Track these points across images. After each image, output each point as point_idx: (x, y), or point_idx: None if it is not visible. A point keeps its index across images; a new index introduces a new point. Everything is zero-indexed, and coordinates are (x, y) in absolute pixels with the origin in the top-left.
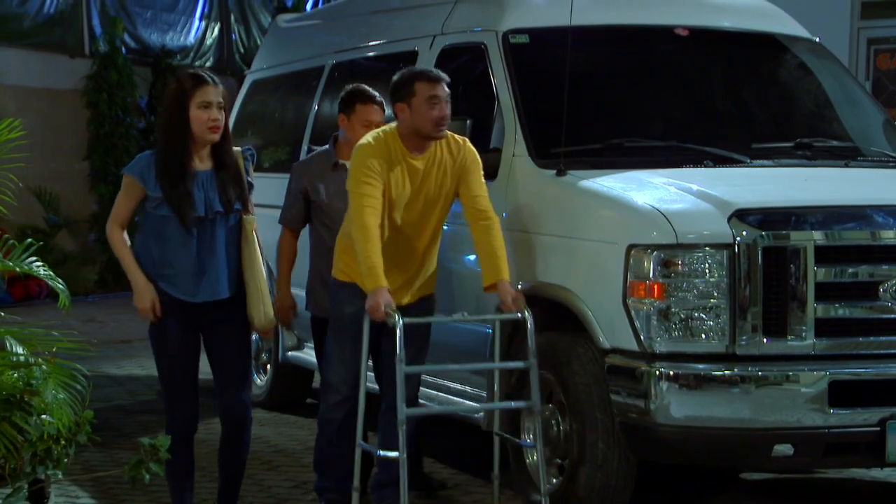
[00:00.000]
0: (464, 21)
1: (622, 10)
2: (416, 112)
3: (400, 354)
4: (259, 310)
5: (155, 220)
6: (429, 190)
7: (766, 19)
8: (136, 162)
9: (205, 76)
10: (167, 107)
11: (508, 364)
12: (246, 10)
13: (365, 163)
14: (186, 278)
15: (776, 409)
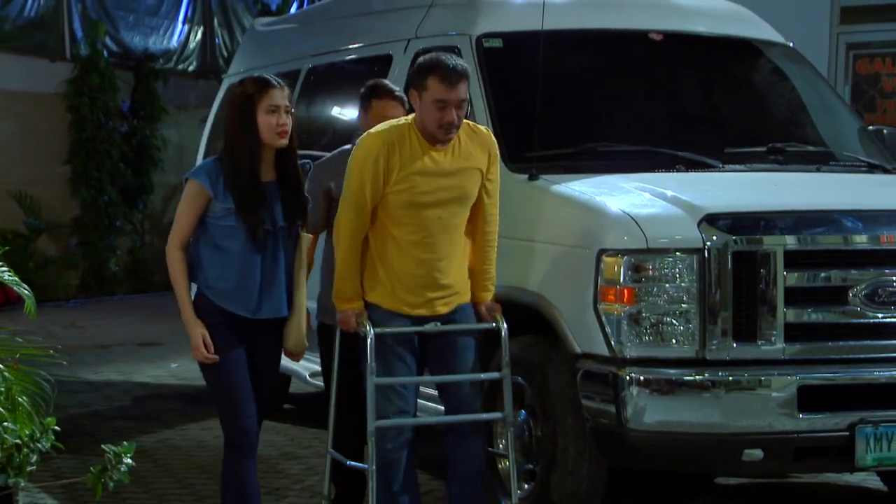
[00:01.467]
0: (438, 25)
1: (596, 15)
2: (424, 108)
3: (371, 366)
4: (297, 331)
5: (217, 232)
6: (456, 185)
7: (741, 24)
8: (201, 168)
9: (270, 79)
10: (231, 112)
11: (481, 376)
12: (229, 14)
13: (364, 160)
14: (249, 294)
15: (746, 413)
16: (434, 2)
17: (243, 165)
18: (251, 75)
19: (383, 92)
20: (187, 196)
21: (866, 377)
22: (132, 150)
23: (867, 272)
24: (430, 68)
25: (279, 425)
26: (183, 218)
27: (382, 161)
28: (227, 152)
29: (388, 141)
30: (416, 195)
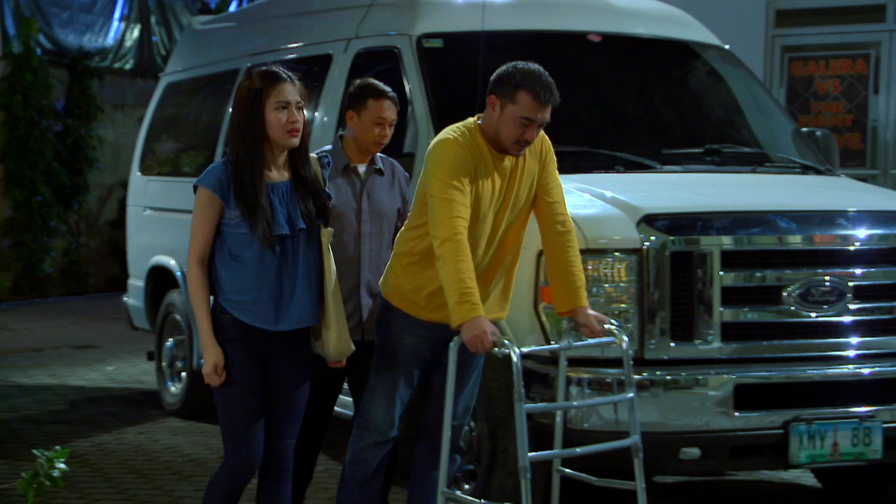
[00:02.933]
0: (378, 25)
1: (536, 16)
2: (506, 120)
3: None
4: (337, 336)
5: (231, 240)
6: (515, 195)
7: (678, 27)
8: (209, 173)
9: (280, 72)
10: (238, 109)
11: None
12: (167, 12)
13: (455, 163)
14: (266, 304)
15: (684, 412)
16: (374, 1)
17: (249, 167)
18: (259, 68)
19: (381, 92)
20: (198, 206)
21: (800, 376)
22: (67, 150)
23: (801, 272)
24: (523, 81)
25: (217, 428)
26: (198, 230)
27: (471, 164)
28: (232, 153)
29: (470, 146)
30: (482, 206)
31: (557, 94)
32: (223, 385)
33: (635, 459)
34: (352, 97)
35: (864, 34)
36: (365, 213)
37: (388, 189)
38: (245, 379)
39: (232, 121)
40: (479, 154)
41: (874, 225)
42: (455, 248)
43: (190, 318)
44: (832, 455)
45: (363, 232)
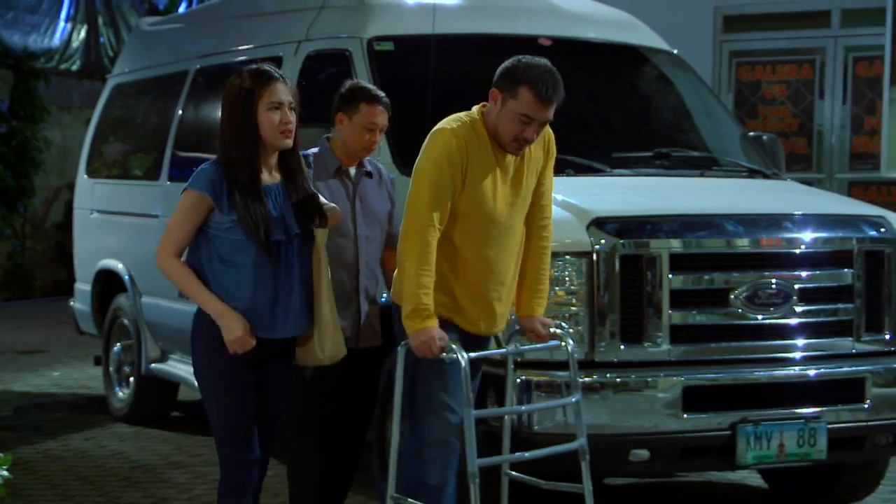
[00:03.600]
0: (328, 27)
1: (486, 19)
2: (506, 115)
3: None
4: (332, 340)
5: (223, 245)
6: (520, 190)
7: (627, 31)
8: (200, 175)
9: (272, 72)
10: (228, 109)
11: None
12: (115, 12)
13: (442, 155)
14: (262, 311)
15: (633, 414)
16: (325, 4)
17: (243, 170)
18: (250, 67)
19: (375, 97)
20: (184, 207)
21: (747, 378)
22: (12, 152)
23: (748, 275)
24: (526, 77)
25: (165, 433)
26: (178, 228)
27: (462, 159)
28: (224, 155)
29: (465, 139)
30: (486, 200)
31: (562, 93)
32: (219, 394)
33: (582, 462)
34: (343, 100)
35: (810, 40)
36: (359, 215)
37: (377, 191)
38: (242, 388)
39: (223, 121)
40: (479, 145)
41: (819, 228)
42: (421, 249)
43: (139, 322)
44: (778, 456)
45: (360, 235)
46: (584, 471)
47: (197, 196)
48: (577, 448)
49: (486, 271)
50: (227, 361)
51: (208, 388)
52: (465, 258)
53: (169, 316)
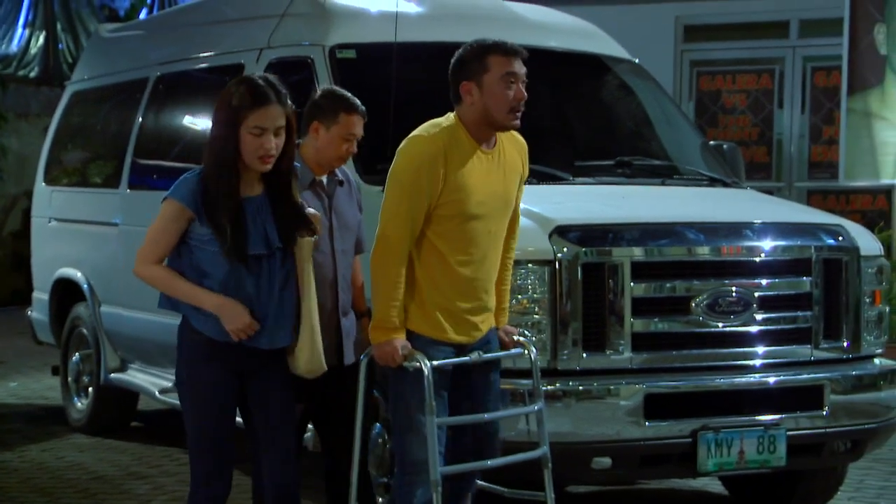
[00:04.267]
0: (290, 35)
1: (449, 28)
2: (489, 92)
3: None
4: (308, 353)
5: (203, 257)
6: (500, 193)
7: (589, 40)
8: (181, 185)
9: (266, 93)
10: (216, 120)
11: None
12: (74, 19)
13: (415, 162)
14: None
15: (595, 422)
16: (287, 11)
17: (221, 182)
18: (245, 81)
19: (354, 107)
20: (164, 216)
21: (708, 385)
22: None
23: (708, 283)
24: (485, 48)
25: (125, 444)
26: (158, 238)
27: (440, 167)
28: (206, 165)
29: (443, 144)
30: (469, 206)
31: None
32: (198, 406)
33: (545, 470)
34: (320, 108)
35: (769, 49)
36: (336, 229)
37: (349, 201)
38: (222, 400)
39: (210, 130)
40: (459, 149)
41: (779, 236)
42: (393, 259)
43: (98, 332)
44: (738, 463)
45: (336, 249)
46: (546, 479)
47: (177, 206)
48: (540, 456)
49: (473, 278)
50: (207, 378)
51: (186, 398)
52: (451, 266)
53: (129, 325)
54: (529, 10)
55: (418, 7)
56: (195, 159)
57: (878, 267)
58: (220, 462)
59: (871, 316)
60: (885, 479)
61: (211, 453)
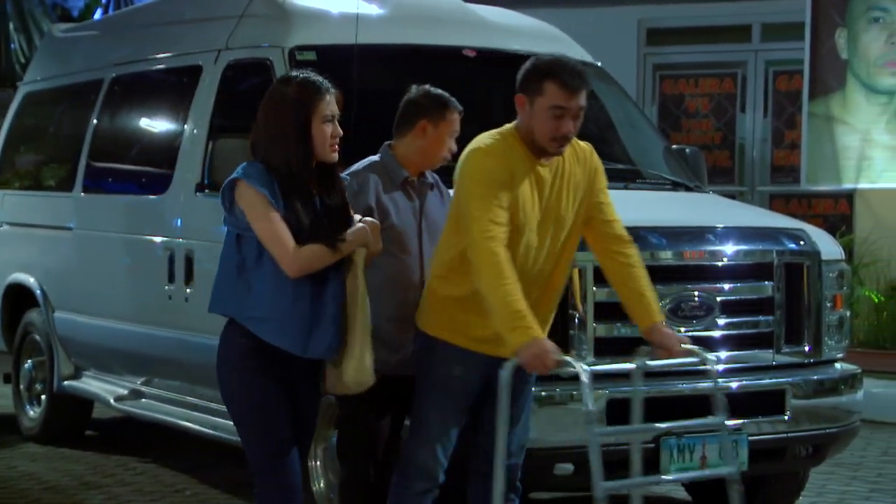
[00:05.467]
0: (249, 36)
1: (411, 30)
2: (536, 115)
3: (591, 412)
4: (357, 362)
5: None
6: (559, 208)
7: (553, 43)
8: (252, 173)
9: (322, 83)
10: (279, 117)
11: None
12: (27, 18)
13: (491, 176)
14: (297, 327)
15: (558, 428)
16: (245, 12)
17: (301, 178)
18: (300, 76)
19: (454, 104)
20: (258, 206)
21: (670, 390)
22: None
23: (671, 287)
24: (548, 71)
25: (78, 453)
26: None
27: (507, 174)
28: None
29: (504, 155)
30: (523, 216)
31: (588, 80)
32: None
33: (733, 489)
34: (424, 107)
35: (732, 53)
36: (424, 232)
37: (439, 205)
38: (280, 408)
39: (271, 129)
40: (517, 161)
41: (741, 241)
42: (498, 270)
43: (51, 338)
44: (701, 468)
45: (424, 252)
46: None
47: (261, 194)
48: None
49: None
50: (262, 388)
51: (244, 411)
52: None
53: (83, 331)
54: (492, 13)
55: (379, 9)
56: (151, 162)
57: (839, 271)
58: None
59: (833, 320)
60: (846, 484)
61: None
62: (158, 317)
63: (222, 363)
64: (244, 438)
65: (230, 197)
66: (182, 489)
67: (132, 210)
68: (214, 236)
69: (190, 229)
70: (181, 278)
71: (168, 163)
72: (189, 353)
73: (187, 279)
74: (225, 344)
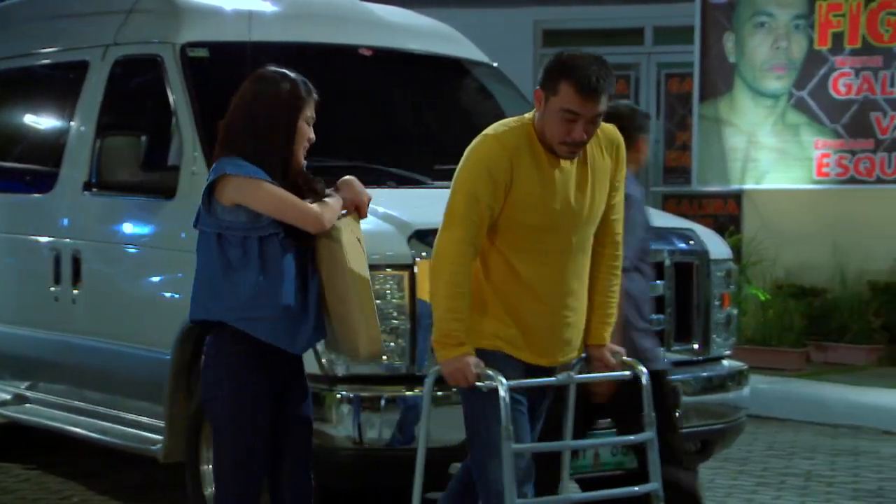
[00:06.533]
0: (139, 32)
1: (306, 28)
2: (549, 113)
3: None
4: (364, 334)
5: (253, 245)
6: (580, 203)
7: (449, 43)
8: (232, 165)
9: (310, 86)
10: (273, 112)
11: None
12: None
13: (482, 169)
14: (288, 320)
15: (454, 427)
16: (134, 7)
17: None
18: (293, 74)
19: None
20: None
21: None
22: None
23: None
24: (566, 70)
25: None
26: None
27: (504, 170)
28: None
29: (512, 145)
30: (537, 215)
31: (610, 84)
32: (239, 421)
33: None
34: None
35: (625, 56)
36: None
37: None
38: (262, 416)
39: (258, 123)
40: (530, 151)
41: None
42: (453, 268)
43: None
44: (594, 465)
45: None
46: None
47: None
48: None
49: (548, 293)
50: (252, 383)
51: (229, 412)
52: (523, 279)
53: None
54: (388, 12)
55: (274, 6)
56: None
57: (726, 270)
58: (255, 482)
59: (720, 318)
60: (733, 479)
61: (245, 472)
62: (44, 319)
63: (211, 369)
64: (217, 441)
65: (208, 197)
66: (69, 496)
67: (17, 209)
68: (102, 236)
69: (77, 229)
70: (68, 279)
71: (54, 161)
72: (76, 357)
73: (74, 280)
74: (215, 352)
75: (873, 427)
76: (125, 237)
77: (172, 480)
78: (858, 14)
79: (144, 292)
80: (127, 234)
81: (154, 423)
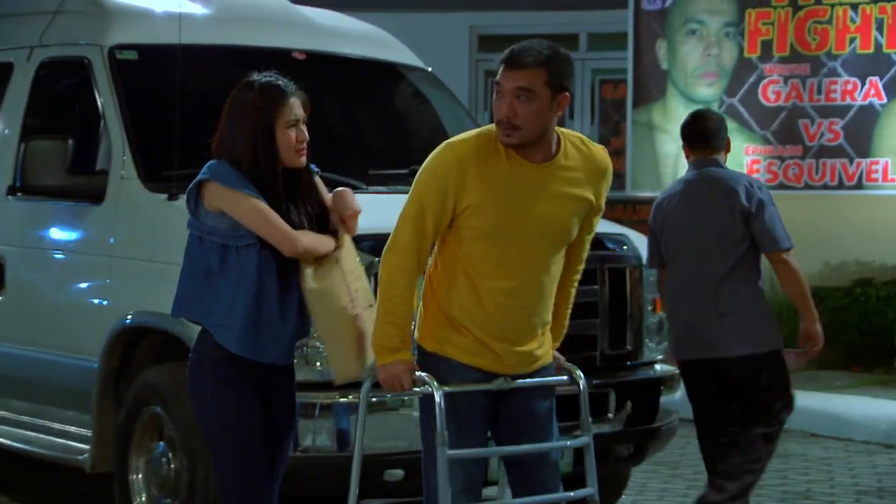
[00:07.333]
0: (65, 33)
1: (238, 31)
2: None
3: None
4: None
5: (233, 254)
6: (554, 216)
7: (383, 48)
8: (219, 171)
9: (284, 86)
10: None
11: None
12: None
13: (431, 172)
14: (256, 331)
15: (388, 434)
16: (59, 8)
17: (271, 178)
18: (262, 80)
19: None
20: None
21: None
22: None
23: None
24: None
25: None
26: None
27: (453, 177)
28: (251, 162)
29: (468, 151)
30: (500, 226)
31: (535, 60)
32: (228, 429)
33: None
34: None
35: None
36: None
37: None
38: (253, 426)
39: (236, 134)
40: (490, 158)
41: None
42: (395, 272)
43: None
44: None
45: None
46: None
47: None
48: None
49: (506, 308)
50: (236, 402)
51: (221, 423)
52: (480, 292)
53: None
54: (322, 16)
55: (204, 8)
56: None
57: None
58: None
59: (652, 323)
60: (665, 482)
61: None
62: None
63: (195, 376)
64: (214, 455)
65: (195, 198)
66: None
67: None
68: (28, 242)
69: (1, 234)
70: None
71: None
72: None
73: None
74: (198, 356)
75: (800, 430)
76: (52, 243)
77: (98, 490)
78: (787, 22)
79: (72, 299)
80: (54, 239)
81: (81, 432)
